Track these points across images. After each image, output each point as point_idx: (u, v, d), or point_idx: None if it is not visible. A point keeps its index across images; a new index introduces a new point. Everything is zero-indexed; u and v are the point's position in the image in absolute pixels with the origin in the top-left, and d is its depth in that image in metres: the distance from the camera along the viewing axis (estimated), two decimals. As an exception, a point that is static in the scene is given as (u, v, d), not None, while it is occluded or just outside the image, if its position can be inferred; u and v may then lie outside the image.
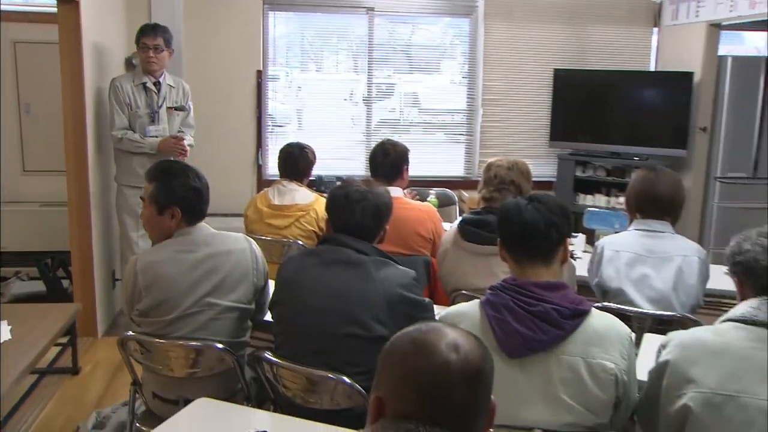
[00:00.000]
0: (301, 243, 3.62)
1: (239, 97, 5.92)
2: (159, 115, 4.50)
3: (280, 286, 2.41)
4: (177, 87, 4.63)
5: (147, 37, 4.39)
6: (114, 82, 4.43)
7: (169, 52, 4.49)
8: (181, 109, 4.62)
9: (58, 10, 4.30)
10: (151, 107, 4.48)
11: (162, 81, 4.52)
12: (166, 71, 4.56)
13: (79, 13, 4.28)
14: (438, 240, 3.39)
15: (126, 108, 4.42)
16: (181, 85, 4.67)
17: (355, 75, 6.41)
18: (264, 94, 5.99)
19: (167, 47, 4.46)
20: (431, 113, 6.67)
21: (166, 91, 4.55)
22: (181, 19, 5.36)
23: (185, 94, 4.67)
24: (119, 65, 5.09)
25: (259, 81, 5.93)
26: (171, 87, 4.59)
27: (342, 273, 2.30)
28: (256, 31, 5.90)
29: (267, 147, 6.11)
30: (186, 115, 4.67)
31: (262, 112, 5.97)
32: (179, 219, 2.50)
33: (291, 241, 3.66)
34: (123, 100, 4.41)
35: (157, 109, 4.49)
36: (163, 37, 4.42)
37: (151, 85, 4.48)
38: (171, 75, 4.62)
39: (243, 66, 5.89)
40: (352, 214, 2.37)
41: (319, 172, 4.54)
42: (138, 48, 4.44)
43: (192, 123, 4.71)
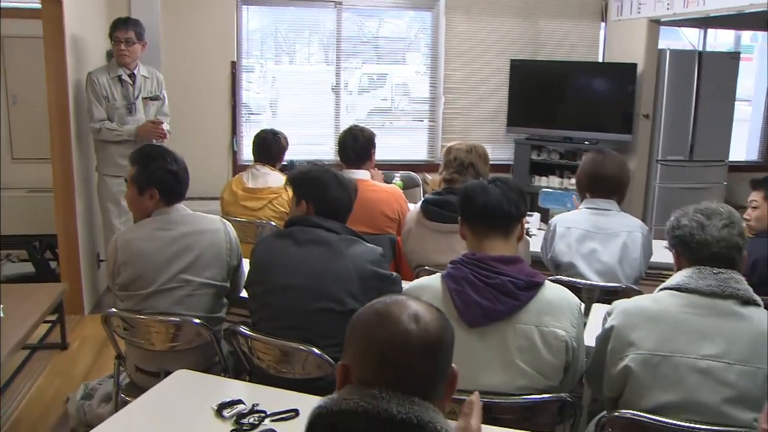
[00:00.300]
0: (274, 224, 3.59)
1: (215, 87, 5.85)
2: (136, 106, 4.36)
3: (254, 267, 2.40)
4: (151, 77, 4.48)
5: (119, 30, 4.25)
6: (90, 75, 4.29)
7: (141, 44, 4.33)
8: (156, 98, 4.48)
9: (42, 5, 4.19)
10: (128, 99, 4.34)
11: (137, 72, 4.38)
12: (140, 62, 4.42)
13: (61, 8, 4.16)
14: (403, 219, 3.37)
15: (103, 100, 4.28)
16: (155, 75, 4.53)
17: (326, 66, 6.35)
18: (238, 84, 5.93)
19: (139, 40, 4.31)
20: (398, 101, 6.67)
21: (141, 82, 4.40)
22: (159, 13, 5.24)
23: (159, 84, 4.52)
24: (100, 58, 4.96)
25: (234, 72, 5.87)
26: (145, 78, 4.44)
27: (314, 251, 2.28)
28: (231, 24, 5.84)
29: (242, 134, 6.06)
30: (161, 104, 4.53)
31: (236, 101, 5.93)
32: (157, 199, 2.51)
33: (264, 222, 3.63)
34: (100, 93, 4.27)
35: (133, 101, 4.35)
36: (134, 30, 4.27)
37: (126, 77, 4.34)
38: (145, 66, 4.47)
39: (218, 57, 5.82)
40: (326, 187, 2.39)
41: (291, 157, 4.49)
42: (111, 41, 4.31)
43: (167, 111, 4.57)
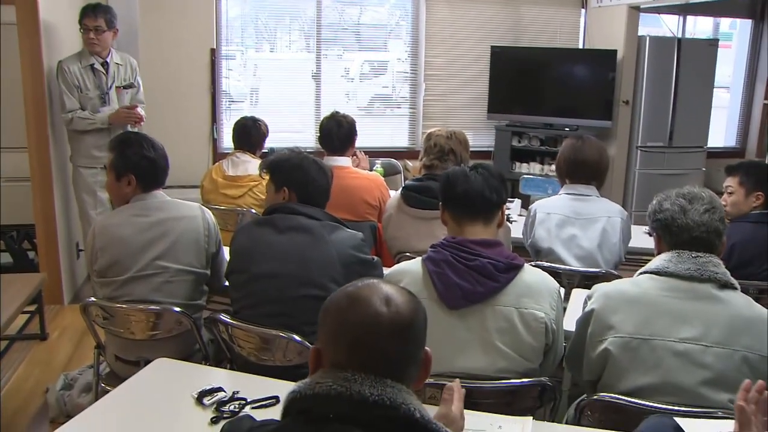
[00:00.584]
0: (254, 212, 3.56)
1: (194, 74, 5.79)
2: (109, 96, 4.22)
3: (234, 255, 2.39)
4: (125, 64, 4.33)
5: (87, 18, 4.06)
6: (61, 64, 4.13)
7: (112, 32, 4.16)
8: (130, 86, 4.34)
9: (14, -10, 4.07)
10: (101, 89, 4.19)
11: (109, 60, 4.23)
12: (113, 49, 4.26)
13: (36, -7, 4.04)
14: (384, 207, 3.37)
15: (76, 90, 4.14)
16: (129, 61, 4.37)
17: (306, 54, 6.31)
18: (218, 71, 5.87)
19: (110, 28, 4.13)
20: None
21: (114, 71, 4.25)
22: (136, -1, 5.15)
23: (133, 71, 4.38)
24: (75, 45, 4.85)
25: (213, 59, 5.81)
26: (118, 65, 4.29)
27: (296, 238, 2.28)
28: (210, 11, 5.77)
29: (222, 122, 6.00)
30: (136, 92, 4.39)
31: (216, 88, 5.87)
32: (134, 186, 2.49)
33: (245, 209, 3.61)
34: (72, 83, 4.12)
35: (107, 91, 4.21)
36: (104, 17, 4.09)
37: (99, 66, 4.18)
38: (118, 52, 4.32)
39: (197, 45, 5.75)
40: (308, 173, 2.40)
41: (271, 144, 4.45)
42: (80, 29, 4.13)
43: (142, 99, 4.42)
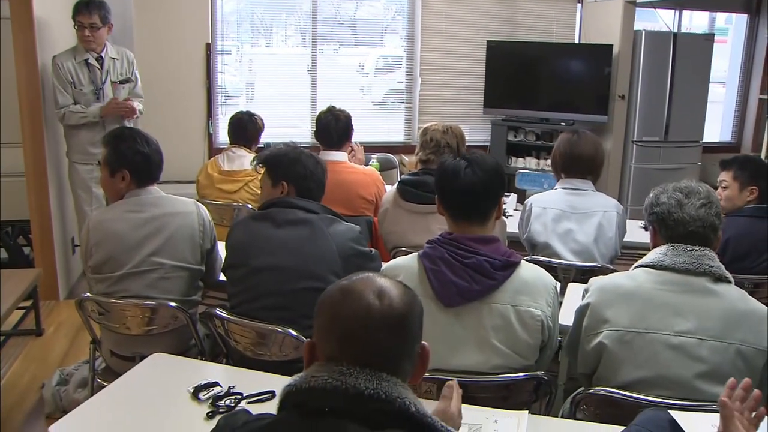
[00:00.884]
0: (250, 206, 3.55)
1: (189, 69, 5.76)
2: (104, 91, 4.16)
3: (233, 250, 2.38)
4: (121, 58, 4.26)
5: (82, 15, 3.99)
6: (55, 60, 4.09)
7: (107, 27, 4.11)
8: (127, 81, 4.28)
9: (7, -16, 4.04)
10: (95, 84, 4.15)
11: (104, 55, 4.17)
12: (108, 43, 4.21)
13: (29, -13, 4.01)
14: (380, 202, 3.36)
15: (69, 86, 4.09)
16: (125, 55, 4.30)
17: (302, 48, 6.29)
18: (213, 66, 5.85)
19: (105, 24, 4.08)
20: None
21: (110, 65, 4.19)
22: (132, -8, 5.12)
23: (130, 64, 4.31)
24: (69, 40, 4.82)
25: (209, 54, 5.78)
26: (114, 60, 4.23)
27: (294, 231, 2.27)
28: (205, 6, 5.74)
29: (218, 117, 5.98)
30: (133, 86, 4.33)
31: (212, 83, 5.85)
32: (129, 181, 2.48)
33: (241, 204, 3.60)
34: (66, 79, 4.07)
35: (101, 86, 4.16)
36: (99, 14, 4.03)
37: (93, 61, 4.13)
38: (114, 46, 4.27)
39: (192, 40, 5.72)
40: (306, 167, 2.40)
41: (267, 139, 4.44)
42: (74, 25, 4.07)
43: (140, 92, 4.37)
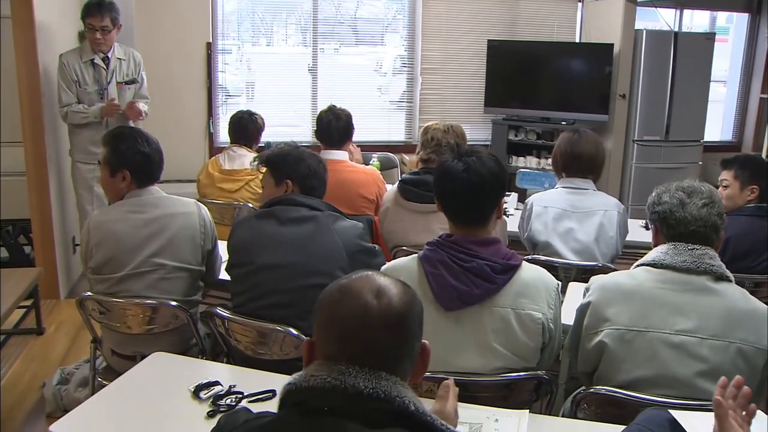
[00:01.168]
0: (251, 206, 3.55)
1: (190, 69, 5.76)
2: (108, 91, 4.16)
3: (234, 249, 2.37)
4: (128, 59, 4.26)
5: (93, 18, 4.00)
6: (62, 58, 4.09)
7: (117, 28, 4.12)
8: (132, 81, 4.28)
9: (7, -17, 4.04)
10: (100, 83, 4.14)
11: (111, 55, 4.17)
12: (116, 44, 4.20)
13: (30, -14, 4.01)
14: (381, 201, 3.36)
15: (74, 85, 4.09)
16: (132, 55, 4.30)
17: (303, 48, 6.28)
18: (214, 66, 5.84)
19: (115, 25, 4.08)
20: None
21: (116, 66, 4.19)
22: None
23: (137, 65, 4.31)
24: (72, 38, 4.83)
25: (209, 53, 5.78)
26: (121, 60, 4.22)
27: (299, 229, 2.28)
28: (206, 5, 5.73)
29: (218, 116, 5.98)
30: (139, 87, 4.33)
31: (212, 83, 5.84)
32: (129, 181, 2.47)
33: (241, 203, 3.59)
34: (71, 78, 4.08)
35: (105, 86, 4.15)
36: (110, 16, 4.03)
37: (99, 61, 4.13)
38: (122, 46, 4.26)
39: (193, 39, 5.72)
40: (310, 165, 2.44)
41: (268, 138, 4.44)
42: (85, 27, 4.08)
43: (146, 94, 4.37)
